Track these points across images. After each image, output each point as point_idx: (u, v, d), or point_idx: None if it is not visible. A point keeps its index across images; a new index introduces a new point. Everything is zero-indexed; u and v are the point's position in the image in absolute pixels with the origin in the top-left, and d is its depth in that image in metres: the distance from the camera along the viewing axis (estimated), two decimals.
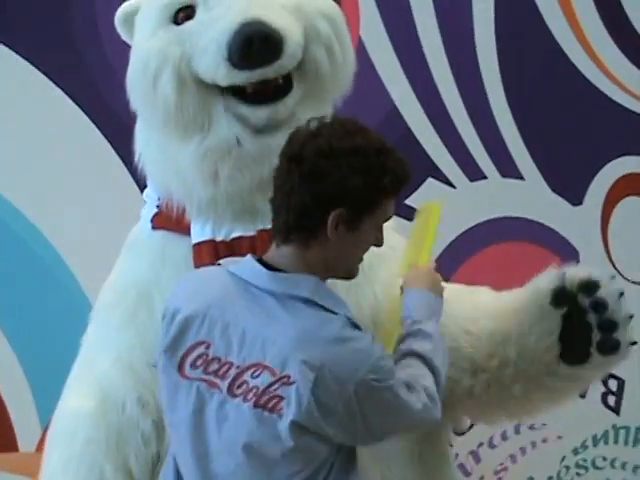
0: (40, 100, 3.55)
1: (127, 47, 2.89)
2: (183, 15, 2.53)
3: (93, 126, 3.54)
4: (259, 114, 2.47)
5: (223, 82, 2.46)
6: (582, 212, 4.13)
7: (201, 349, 2.26)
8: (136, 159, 2.78)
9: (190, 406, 2.24)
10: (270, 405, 2.15)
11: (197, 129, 2.52)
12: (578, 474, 4.03)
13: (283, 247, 2.20)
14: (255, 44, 2.36)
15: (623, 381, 4.02)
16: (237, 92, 2.48)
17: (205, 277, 2.39)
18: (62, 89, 3.52)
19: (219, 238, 2.63)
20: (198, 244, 2.64)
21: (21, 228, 3.49)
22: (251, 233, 2.60)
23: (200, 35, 2.49)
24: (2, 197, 3.49)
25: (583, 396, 3.66)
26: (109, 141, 3.53)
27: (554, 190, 4.11)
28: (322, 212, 2.12)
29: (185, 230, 2.67)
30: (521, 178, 4.08)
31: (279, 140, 2.32)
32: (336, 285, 2.29)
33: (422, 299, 2.35)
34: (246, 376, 2.19)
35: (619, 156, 4.14)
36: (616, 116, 4.20)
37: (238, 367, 2.20)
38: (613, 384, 4.02)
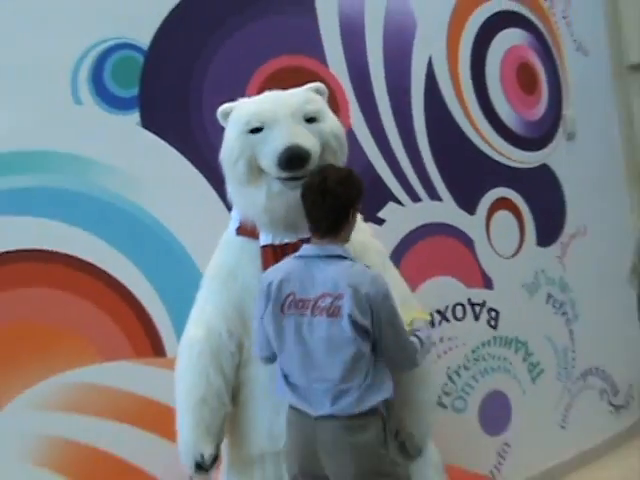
0: (174, 166, 4.02)
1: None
2: (255, 130, 3.14)
3: (202, 177, 4.08)
4: (292, 185, 3.12)
5: (275, 175, 3.12)
6: (475, 218, 5.06)
7: (290, 297, 2.92)
8: (228, 196, 3.42)
9: (292, 329, 2.90)
10: (335, 313, 2.83)
11: (258, 185, 3.17)
12: (475, 360, 4.91)
13: (320, 240, 2.95)
14: (293, 159, 3.03)
15: (498, 312, 5.06)
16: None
17: (284, 262, 3.03)
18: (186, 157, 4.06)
19: (276, 243, 3.23)
20: (264, 246, 3.24)
21: (163, 233, 3.94)
22: (294, 240, 3.20)
23: (263, 145, 3.12)
24: (156, 219, 3.93)
25: (477, 318, 4.97)
26: (212, 186, 4.05)
27: (459, 206, 4.98)
28: (346, 212, 2.92)
29: (256, 237, 3.28)
30: (440, 200, 4.90)
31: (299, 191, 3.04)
32: None
33: (421, 325, 3.09)
34: (319, 303, 2.87)
35: (494, 187, 5.20)
36: (491, 163, 5.26)
37: (313, 300, 2.88)
38: (493, 314, 5.02)
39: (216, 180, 3.81)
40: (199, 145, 4.02)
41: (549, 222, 5.56)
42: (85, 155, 3.78)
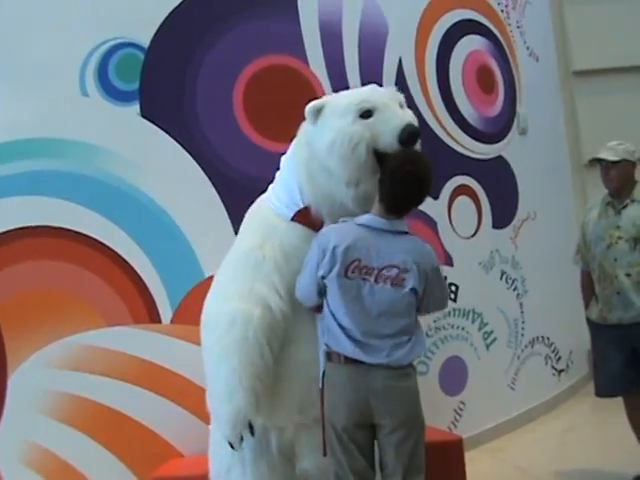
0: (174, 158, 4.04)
1: (218, 121, 4.00)
2: (366, 114, 3.01)
3: (194, 162, 4.07)
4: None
5: (391, 151, 2.97)
6: (439, 203, 5.05)
7: (356, 263, 2.92)
8: (296, 184, 3.19)
9: (353, 291, 2.91)
10: (399, 283, 2.92)
11: (356, 182, 3.02)
12: (437, 329, 4.90)
13: (388, 215, 2.95)
14: (412, 135, 2.96)
15: (457, 286, 5.05)
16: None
17: (345, 227, 2.96)
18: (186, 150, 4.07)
19: None
20: None
21: (159, 212, 3.96)
22: None
23: (380, 125, 2.99)
24: (152, 199, 3.97)
25: (454, 300, 5.01)
26: (203, 169, 4.07)
27: None
28: (420, 201, 2.99)
29: (316, 227, 3.13)
30: None
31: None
32: None
33: None
34: (383, 272, 2.92)
35: (455, 175, 5.19)
36: (454, 154, 5.24)
37: (377, 268, 2.92)
38: (453, 288, 5.02)
39: (207, 164, 4.02)
40: (192, 133, 4.08)
41: (503, 207, 5.59)
42: (91, 142, 3.86)
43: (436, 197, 5.05)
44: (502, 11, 5.82)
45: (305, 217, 3.18)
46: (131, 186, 3.92)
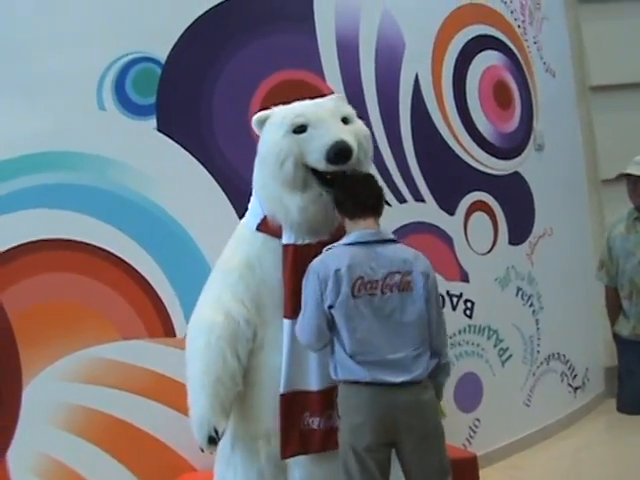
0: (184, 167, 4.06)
1: (234, 136, 4.03)
2: (299, 129, 3.05)
3: (210, 176, 4.10)
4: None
5: (321, 169, 3.04)
6: (455, 219, 5.03)
7: (359, 281, 2.91)
8: (253, 193, 3.33)
9: (364, 309, 2.90)
10: (406, 287, 2.94)
11: (298, 190, 3.06)
12: (452, 345, 4.68)
13: (369, 224, 3.00)
14: (341, 153, 2.98)
15: (473, 302, 5.01)
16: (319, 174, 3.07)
17: (336, 251, 2.98)
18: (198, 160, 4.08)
19: (298, 243, 3.17)
20: (286, 245, 3.17)
21: (175, 226, 3.98)
22: (314, 242, 3.15)
23: (310, 142, 3.02)
24: (168, 213, 3.98)
25: (454, 308, 4.95)
26: (218, 184, 4.11)
27: (441, 207, 4.96)
28: (381, 195, 3.05)
29: (277, 235, 3.19)
30: (423, 201, 4.89)
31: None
32: None
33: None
34: (387, 281, 2.92)
35: (471, 191, 5.15)
36: (470, 170, 5.21)
37: (381, 279, 2.92)
38: (469, 304, 4.99)
39: (222, 178, 4.04)
40: (208, 148, 4.09)
41: (520, 223, 5.54)
42: (107, 155, 3.86)
43: (452, 213, 5.04)
44: (519, 27, 5.78)
45: (267, 226, 3.24)
46: (146, 199, 3.92)
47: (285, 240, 3.21)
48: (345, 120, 3.17)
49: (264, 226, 3.26)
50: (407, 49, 4.91)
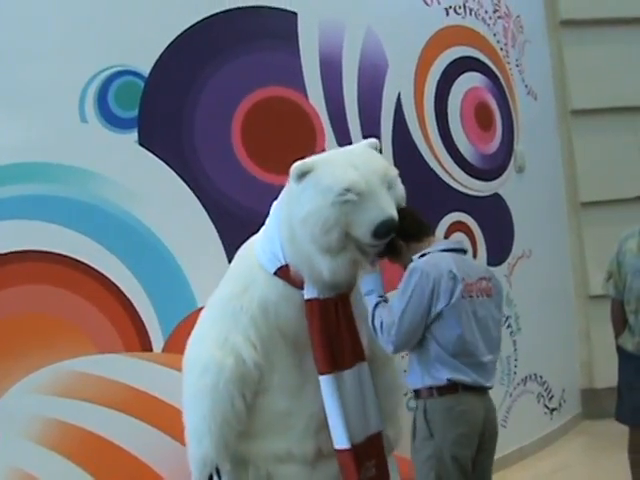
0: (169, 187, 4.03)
1: (215, 151, 4.05)
2: (348, 200, 2.93)
3: (190, 190, 4.05)
4: (370, 253, 3.07)
5: (366, 242, 2.99)
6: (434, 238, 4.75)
7: (463, 282, 2.98)
8: (278, 240, 3.22)
9: (467, 310, 2.98)
10: (490, 293, 3.09)
11: (334, 253, 3.00)
12: None
13: (434, 236, 3.32)
14: (388, 231, 2.96)
15: None
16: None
17: (437, 255, 3.04)
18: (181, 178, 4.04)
19: (321, 297, 3.18)
20: (310, 300, 3.19)
21: (154, 240, 3.94)
22: (333, 295, 3.20)
23: (358, 214, 2.93)
24: (147, 227, 3.94)
25: None
26: (198, 198, 4.05)
27: None
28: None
29: (297, 285, 3.20)
30: None
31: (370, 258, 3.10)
32: None
33: None
34: (478, 285, 3.05)
35: (451, 211, 5.18)
36: (450, 191, 5.26)
37: (475, 283, 3.03)
38: None
39: (202, 193, 4.03)
40: (189, 163, 4.07)
41: (499, 244, 5.59)
42: (87, 168, 3.82)
43: (432, 233, 4.94)
44: (501, 49, 5.87)
45: (286, 274, 3.20)
46: (126, 213, 3.89)
47: (308, 295, 3.20)
48: (389, 185, 3.10)
49: (283, 273, 3.22)
50: (390, 68, 4.93)
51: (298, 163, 3.05)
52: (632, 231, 4.24)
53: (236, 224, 3.95)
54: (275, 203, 3.35)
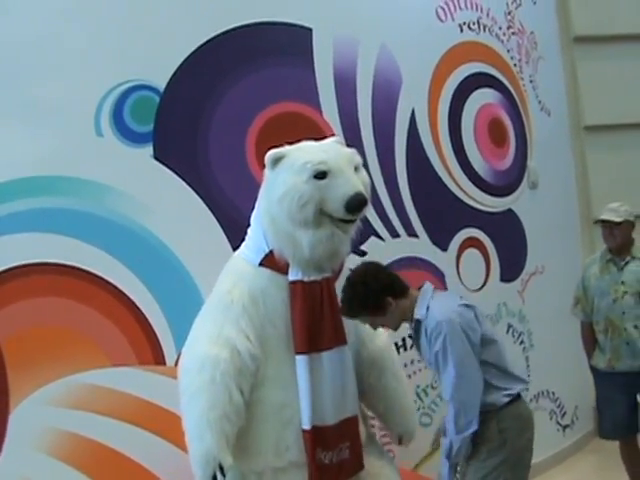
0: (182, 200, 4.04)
1: (230, 166, 4.07)
2: (320, 175, 3.13)
3: (204, 204, 4.08)
4: (345, 229, 3.23)
5: (339, 217, 3.16)
6: (447, 255, 5.10)
7: (473, 307, 3.21)
8: (253, 228, 3.42)
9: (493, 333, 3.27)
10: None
11: (311, 228, 3.15)
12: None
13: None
14: (359, 204, 3.12)
15: None
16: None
17: (443, 300, 3.22)
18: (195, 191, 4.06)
19: (305, 279, 3.26)
20: (294, 282, 3.27)
21: (167, 253, 3.94)
22: (319, 278, 3.28)
23: (330, 191, 3.12)
24: (161, 241, 3.95)
25: None
26: (212, 212, 4.09)
27: (434, 243, 5.02)
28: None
29: (282, 271, 3.28)
30: (416, 236, 4.93)
31: (348, 235, 3.25)
32: None
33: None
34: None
35: (464, 227, 5.23)
36: (463, 207, 5.28)
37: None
38: None
39: (217, 207, 4.05)
40: (204, 177, 4.08)
41: (512, 260, 5.59)
42: (102, 182, 3.83)
43: (445, 249, 5.11)
44: (515, 65, 5.88)
45: (271, 261, 3.30)
46: (141, 227, 3.89)
47: (292, 277, 3.28)
48: (356, 168, 3.28)
49: (268, 262, 3.31)
50: (404, 84, 4.96)
51: (272, 151, 3.25)
52: (594, 257, 4.67)
53: None
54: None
